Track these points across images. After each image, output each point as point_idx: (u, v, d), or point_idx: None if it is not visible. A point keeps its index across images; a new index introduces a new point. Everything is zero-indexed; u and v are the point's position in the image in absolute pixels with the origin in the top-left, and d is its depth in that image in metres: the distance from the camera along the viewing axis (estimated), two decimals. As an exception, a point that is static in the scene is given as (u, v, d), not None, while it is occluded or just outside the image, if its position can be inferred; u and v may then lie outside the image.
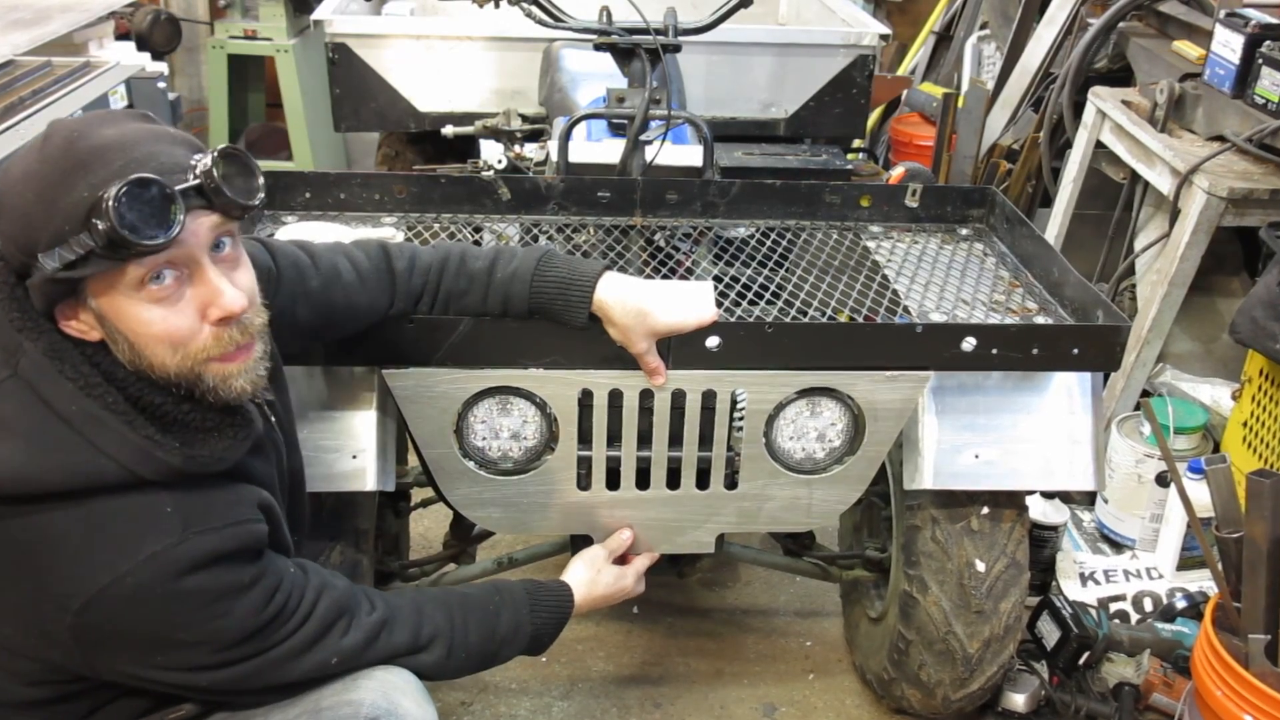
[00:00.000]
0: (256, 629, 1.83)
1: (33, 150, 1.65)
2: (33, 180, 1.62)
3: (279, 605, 1.86)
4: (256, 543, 1.85)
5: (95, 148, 1.63)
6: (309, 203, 3.01)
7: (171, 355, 1.72)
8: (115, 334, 1.70)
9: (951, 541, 2.79)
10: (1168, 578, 3.68)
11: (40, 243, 1.61)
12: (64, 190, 1.60)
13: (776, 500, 2.66)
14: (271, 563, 1.89)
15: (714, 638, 3.66)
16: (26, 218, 1.61)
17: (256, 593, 1.83)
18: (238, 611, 1.80)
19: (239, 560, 1.80)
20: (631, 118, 3.03)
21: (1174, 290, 3.93)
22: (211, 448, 1.78)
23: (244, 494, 1.85)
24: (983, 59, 6.53)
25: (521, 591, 2.31)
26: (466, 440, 2.56)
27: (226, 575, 1.78)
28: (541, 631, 2.31)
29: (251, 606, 1.82)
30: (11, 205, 1.63)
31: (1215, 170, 3.79)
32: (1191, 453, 3.81)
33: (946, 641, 2.85)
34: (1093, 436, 2.70)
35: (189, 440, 1.76)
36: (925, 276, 2.86)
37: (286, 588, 1.89)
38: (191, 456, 1.74)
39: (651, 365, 2.40)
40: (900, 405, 2.55)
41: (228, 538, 1.77)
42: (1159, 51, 4.58)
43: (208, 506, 1.77)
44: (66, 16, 4.67)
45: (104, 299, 1.67)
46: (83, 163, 1.61)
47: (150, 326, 1.69)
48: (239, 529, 1.80)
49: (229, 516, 1.79)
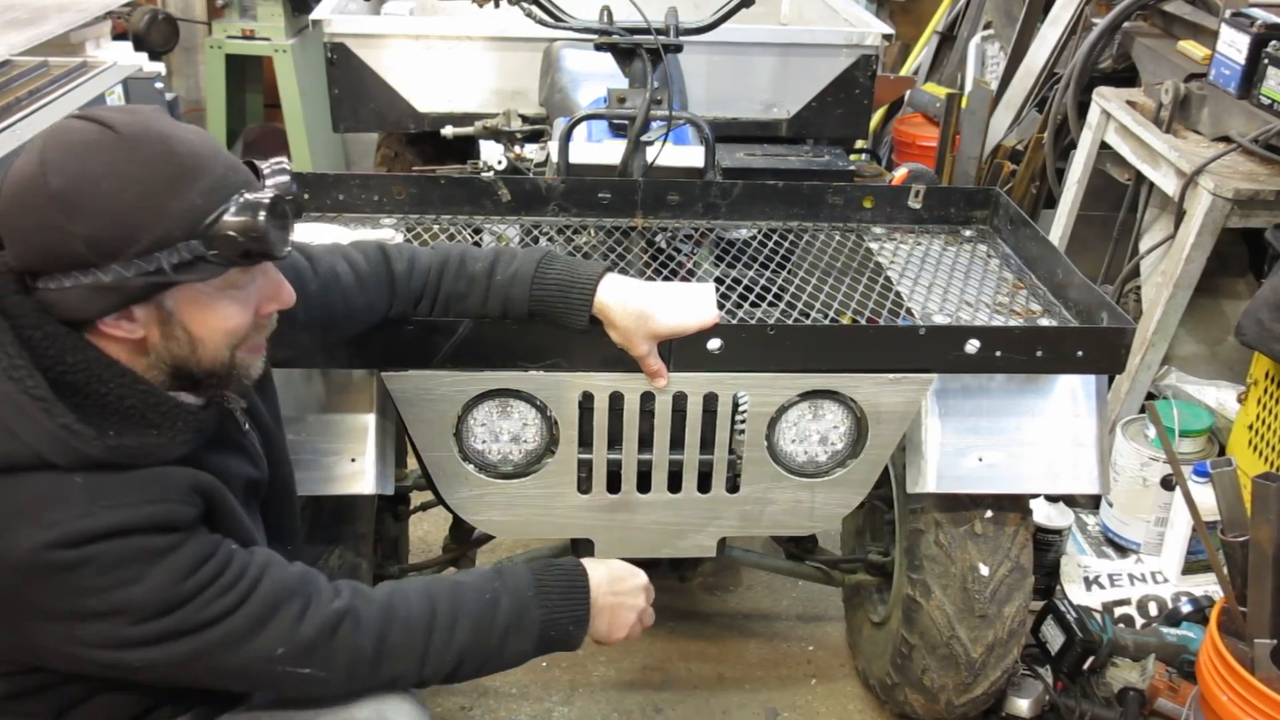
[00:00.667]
0: (180, 600, 1.72)
1: (115, 150, 1.63)
2: (133, 184, 1.62)
3: (207, 577, 1.75)
4: (174, 521, 1.74)
5: (194, 155, 1.67)
6: (307, 204, 3.01)
7: (227, 346, 1.79)
8: (178, 330, 1.73)
9: (955, 545, 2.79)
10: (1173, 582, 3.69)
11: (136, 246, 1.62)
12: (173, 196, 1.63)
13: (778, 504, 2.66)
14: (200, 535, 1.79)
15: (715, 642, 3.66)
16: (124, 220, 1.61)
17: (176, 559, 1.72)
18: (151, 578, 1.69)
19: (153, 533, 1.71)
20: (632, 118, 3.03)
21: (1179, 292, 3.94)
22: (143, 440, 1.73)
23: (172, 476, 1.76)
24: (986, 59, 6.53)
25: (526, 572, 2.08)
26: (466, 443, 2.56)
27: (135, 543, 1.69)
28: (555, 617, 2.06)
29: (169, 573, 1.71)
30: (104, 207, 1.60)
31: (1221, 171, 3.79)
32: (1197, 456, 3.81)
33: (950, 646, 2.85)
34: (1097, 439, 2.70)
35: (124, 430, 1.72)
36: (928, 278, 2.86)
37: (220, 561, 1.78)
38: (114, 447, 1.69)
39: (653, 368, 2.40)
40: (903, 408, 2.55)
41: (141, 514, 1.70)
42: (1164, 51, 4.58)
43: (123, 485, 1.71)
44: (63, 16, 4.67)
45: (185, 297, 1.71)
46: (189, 170, 1.65)
47: (226, 322, 1.76)
48: (155, 506, 1.72)
49: (146, 495, 1.72)
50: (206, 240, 1.64)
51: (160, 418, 1.75)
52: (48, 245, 1.62)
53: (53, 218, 1.60)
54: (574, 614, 2.10)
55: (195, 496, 1.79)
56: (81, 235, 1.60)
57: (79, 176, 1.60)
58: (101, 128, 1.64)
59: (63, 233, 1.60)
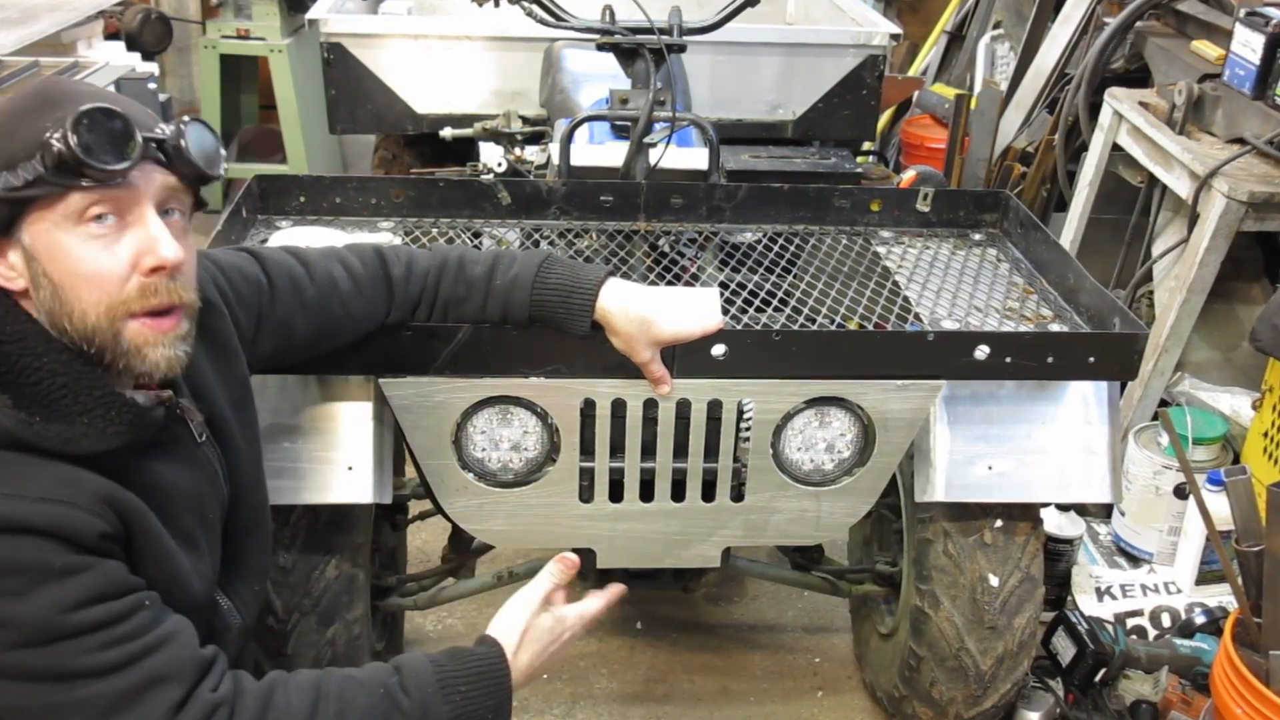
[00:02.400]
0: (59, 633, 1.60)
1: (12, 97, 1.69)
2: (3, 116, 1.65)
3: (97, 619, 1.62)
4: (77, 533, 1.61)
5: (70, 92, 1.68)
6: (303, 207, 3.02)
7: (96, 303, 1.68)
8: (41, 277, 1.66)
9: (964, 555, 2.79)
10: (1186, 592, 3.68)
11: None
12: (28, 122, 1.63)
13: (784, 513, 2.67)
14: (105, 568, 1.65)
15: (720, 654, 3.66)
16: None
17: (68, 585, 1.60)
18: (35, 598, 1.58)
19: (49, 540, 1.60)
20: (635, 120, 3.03)
21: (1193, 297, 3.94)
22: (68, 428, 1.66)
23: (85, 481, 1.66)
24: (996, 59, 6.54)
25: (426, 664, 1.89)
26: (465, 451, 2.56)
27: (29, 549, 1.59)
28: (468, 711, 1.88)
29: (55, 599, 1.59)
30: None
31: (1235, 174, 3.79)
32: (1211, 464, 3.81)
33: (959, 658, 2.85)
34: (1109, 447, 2.70)
35: (51, 414, 1.65)
36: (937, 283, 2.86)
37: (119, 608, 1.65)
38: (28, 423, 1.63)
39: (656, 374, 2.39)
40: (911, 415, 2.55)
41: (38, 512, 1.59)
42: (1177, 51, 4.58)
43: (28, 474, 1.63)
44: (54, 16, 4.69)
45: (39, 231, 1.65)
46: (53, 100, 1.65)
47: (81, 265, 1.66)
48: (56, 507, 1.61)
49: (50, 491, 1.62)
50: (43, 156, 1.60)
51: (93, 403, 1.68)
52: None
53: None
54: (491, 703, 1.93)
55: (107, 511, 1.67)
56: None
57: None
58: None
59: None
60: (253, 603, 2.14)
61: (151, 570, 1.76)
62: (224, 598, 2.03)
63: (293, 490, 2.50)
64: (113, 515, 1.68)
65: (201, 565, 1.90)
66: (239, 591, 2.08)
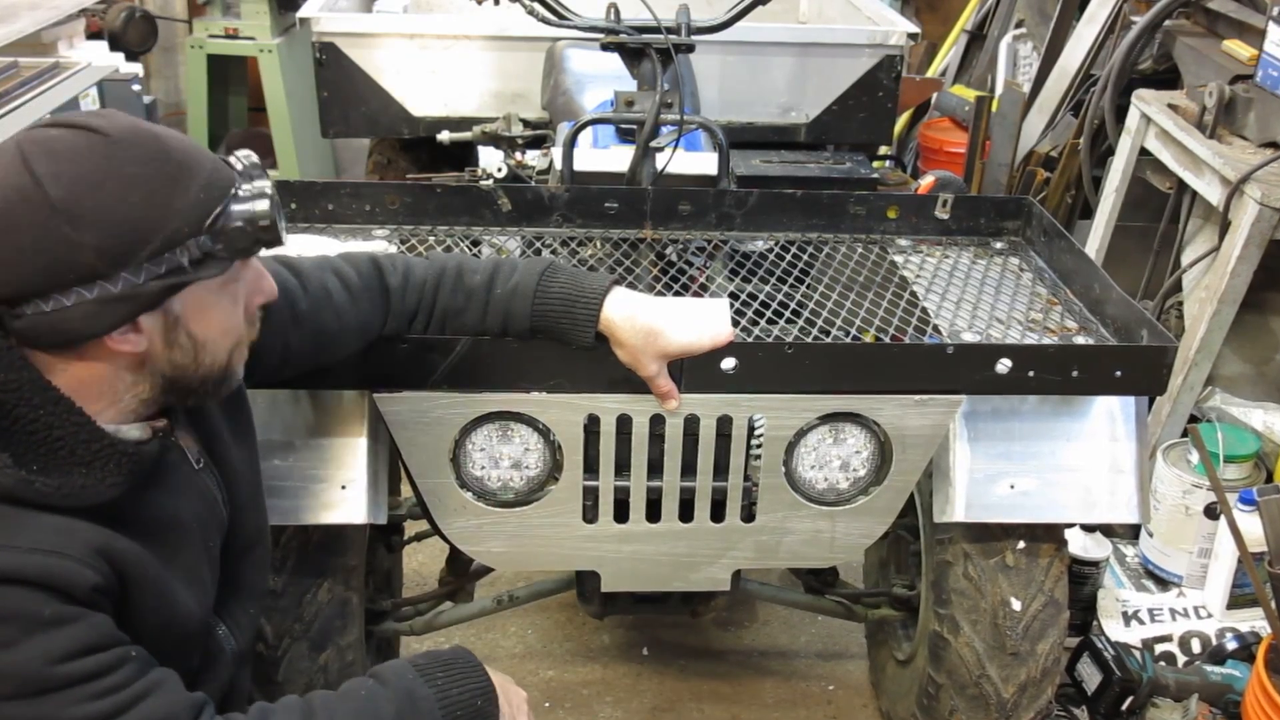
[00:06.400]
0: (48, 685, 1.63)
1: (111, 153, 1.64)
2: (136, 185, 1.64)
3: (86, 670, 1.65)
4: (68, 584, 1.64)
5: (186, 151, 1.72)
6: (294, 214, 3.02)
7: (228, 349, 1.84)
8: (182, 338, 1.75)
9: (985, 578, 2.79)
10: (1217, 617, 3.68)
11: (148, 249, 1.64)
12: (176, 193, 1.67)
13: (797, 534, 2.67)
14: (93, 621, 1.68)
15: (730, 681, 3.66)
16: (132, 224, 1.63)
17: (57, 636, 1.63)
18: (24, 649, 1.60)
19: (39, 590, 1.62)
20: (641, 123, 3.04)
21: (1224, 308, 3.94)
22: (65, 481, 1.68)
23: (78, 532, 1.69)
24: (1018, 59, 6.55)
25: (400, 663, 1.99)
26: (464, 469, 2.57)
27: (17, 599, 1.61)
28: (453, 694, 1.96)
29: (44, 650, 1.62)
30: (111, 213, 1.62)
31: (1269, 179, 3.79)
32: (1243, 482, 3.80)
33: (980, 685, 2.85)
34: (1137, 465, 2.70)
35: (47, 466, 1.68)
36: (957, 293, 2.87)
37: (107, 660, 1.67)
38: (28, 481, 1.65)
39: (663, 388, 2.40)
40: (930, 432, 2.56)
41: (28, 562, 1.62)
42: (1208, 51, 4.59)
43: (18, 526, 1.65)
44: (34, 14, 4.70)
45: (193, 303, 1.74)
46: (186, 166, 1.69)
47: (227, 321, 1.81)
48: (48, 558, 1.63)
49: (41, 541, 1.64)
50: (214, 235, 1.69)
51: (91, 455, 1.71)
52: (51, 262, 1.60)
53: (56, 231, 1.59)
54: (473, 687, 2.00)
55: (101, 562, 1.69)
56: (91, 245, 1.60)
57: (79, 183, 1.60)
58: (88, 132, 1.65)
59: (69, 245, 1.59)
60: (249, 626, 2.16)
61: (149, 616, 1.79)
62: (219, 623, 2.05)
63: (284, 510, 2.50)
64: (106, 567, 1.70)
65: (203, 597, 1.93)
66: (234, 614, 2.10)
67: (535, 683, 3.59)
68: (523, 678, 3.59)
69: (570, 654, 3.71)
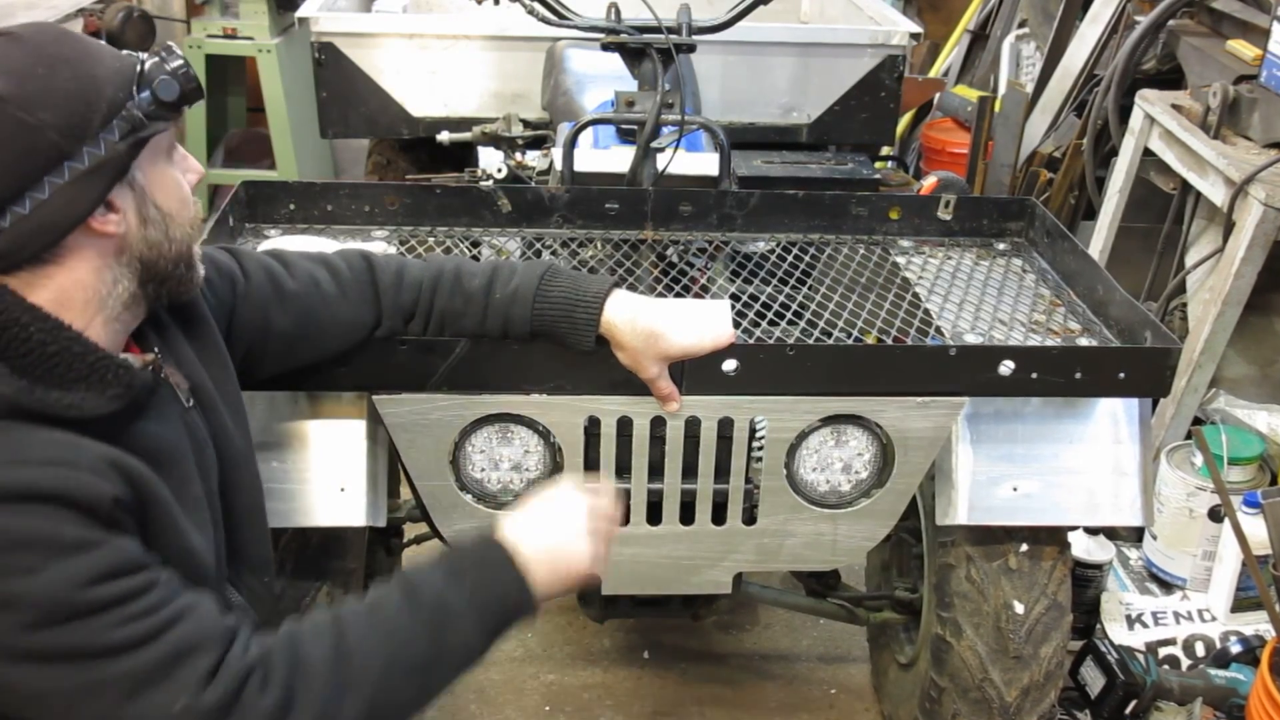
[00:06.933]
0: (80, 610, 1.60)
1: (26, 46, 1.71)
2: (61, 63, 1.70)
3: (117, 594, 1.63)
4: (86, 498, 1.63)
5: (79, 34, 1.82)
6: (293, 215, 3.02)
7: (188, 222, 1.87)
8: (151, 212, 1.80)
9: (988, 581, 2.79)
10: (1221, 620, 3.68)
11: (97, 116, 1.69)
12: (99, 65, 1.73)
13: (798, 536, 2.67)
14: (118, 543, 1.67)
15: (731, 685, 3.66)
16: (75, 97, 1.69)
17: (82, 560, 1.61)
18: (49, 573, 1.59)
19: (61, 508, 1.61)
20: (642, 123, 3.04)
21: (1228, 309, 3.94)
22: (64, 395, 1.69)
23: (87, 446, 1.68)
24: (1021, 59, 6.55)
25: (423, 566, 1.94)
26: (464, 471, 2.57)
27: (39, 520, 1.60)
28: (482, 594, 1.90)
29: (71, 574, 1.60)
30: (55, 91, 1.68)
31: (1273, 180, 3.80)
32: (1247, 485, 3.81)
33: (982, 689, 2.85)
34: (1140, 468, 2.70)
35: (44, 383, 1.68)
36: (959, 295, 2.87)
37: (137, 583, 1.66)
38: (28, 389, 1.66)
39: (664, 391, 2.39)
40: (932, 434, 2.56)
41: (42, 476, 1.61)
42: (1212, 51, 4.59)
43: (29, 441, 1.65)
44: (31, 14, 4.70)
45: (149, 172, 1.80)
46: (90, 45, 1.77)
47: (181, 189, 1.86)
48: (63, 470, 1.63)
49: (53, 455, 1.64)
50: (147, 90, 1.75)
51: (87, 369, 1.72)
52: (18, 155, 1.65)
53: (12, 120, 1.64)
54: (505, 577, 1.92)
55: (115, 474, 1.69)
56: (50, 124, 1.65)
57: (15, 75, 1.66)
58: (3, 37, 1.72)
59: (29, 130, 1.65)
60: (266, 598, 2.16)
61: (165, 544, 1.78)
62: (234, 592, 2.06)
63: (282, 512, 2.49)
64: (121, 481, 1.70)
65: (211, 545, 1.93)
66: (249, 584, 2.11)
67: (535, 686, 3.59)
68: (523, 681, 3.59)
69: (571, 657, 3.71)
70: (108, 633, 1.63)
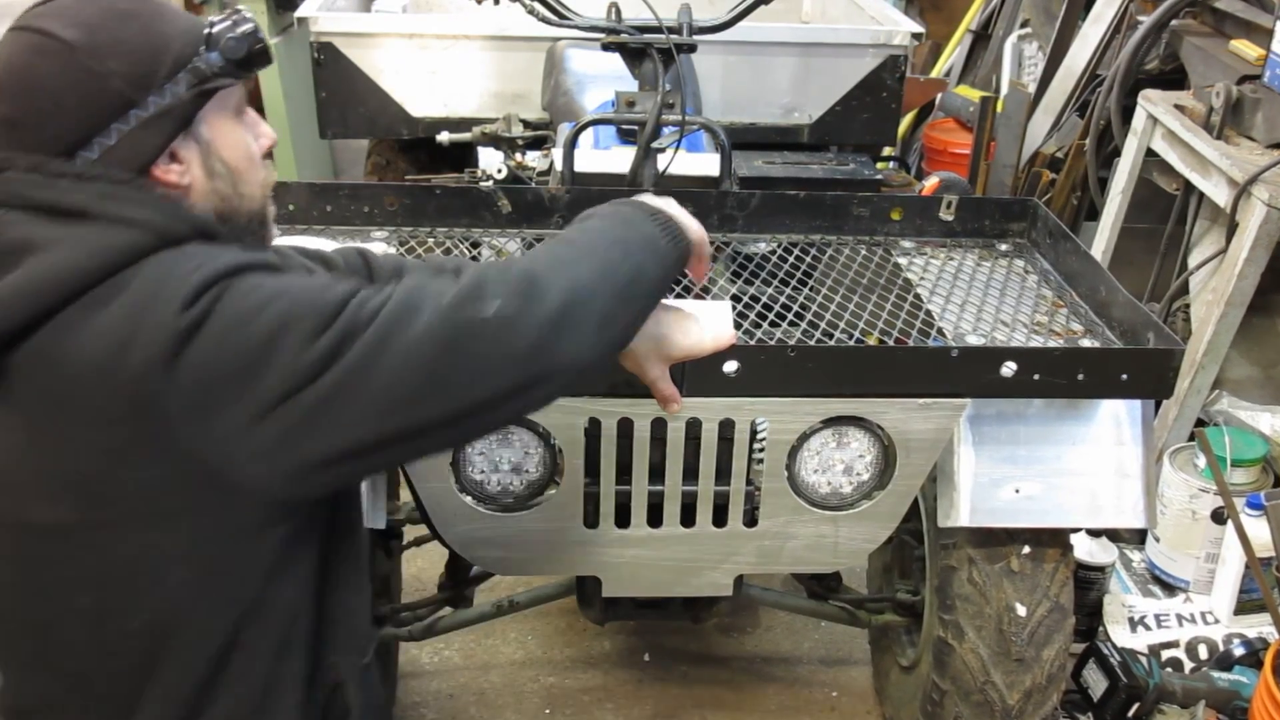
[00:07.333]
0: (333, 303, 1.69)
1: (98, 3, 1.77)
2: (129, 18, 1.77)
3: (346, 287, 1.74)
4: None
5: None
6: (292, 216, 3.02)
7: (259, 182, 1.93)
8: (218, 164, 1.85)
9: (990, 583, 2.79)
10: (1224, 622, 3.68)
11: (163, 68, 1.76)
12: (166, 22, 1.79)
13: (800, 539, 2.67)
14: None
15: (732, 688, 3.66)
16: (143, 48, 1.75)
17: (304, 277, 1.88)
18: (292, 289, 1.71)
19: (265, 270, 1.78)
20: (643, 124, 3.03)
21: (1231, 310, 3.94)
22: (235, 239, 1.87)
23: None
24: (1024, 59, 6.55)
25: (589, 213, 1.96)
26: (464, 473, 2.57)
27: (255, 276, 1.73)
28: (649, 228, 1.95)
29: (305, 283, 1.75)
30: (123, 41, 1.75)
31: (1276, 180, 3.79)
32: (1250, 487, 3.80)
33: (984, 692, 2.84)
34: (1143, 470, 2.70)
35: None
36: (961, 296, 2.87)
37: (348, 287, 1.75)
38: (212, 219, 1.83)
39: (665, 392, 2.37)
40: (934, 436, 2.56)
41: (252, 256, 1.78)
42: (1215, 51, 4.59)
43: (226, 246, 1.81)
44: (31, 14, 4.69)
45: (215, 127, 1.84)
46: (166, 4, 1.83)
47: (248, 148, 1.90)
48: (262, 253, 1.86)
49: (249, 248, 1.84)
50: (215, 49, 1.80)
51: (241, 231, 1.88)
52: (86, 100, 1.73)
53: (82, 68, 1.72)
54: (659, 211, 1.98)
55: None
56: (118, 72, 1.73)
57: (86, 26, 1.74)
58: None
59: (97, 78, 1.72)
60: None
61: None
62: None
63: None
64: None
65: None
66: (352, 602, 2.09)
67: (536, 689, 3.59)
68: (523, 684, 3.59)
69: (571, 660, 3.71)
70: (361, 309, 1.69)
